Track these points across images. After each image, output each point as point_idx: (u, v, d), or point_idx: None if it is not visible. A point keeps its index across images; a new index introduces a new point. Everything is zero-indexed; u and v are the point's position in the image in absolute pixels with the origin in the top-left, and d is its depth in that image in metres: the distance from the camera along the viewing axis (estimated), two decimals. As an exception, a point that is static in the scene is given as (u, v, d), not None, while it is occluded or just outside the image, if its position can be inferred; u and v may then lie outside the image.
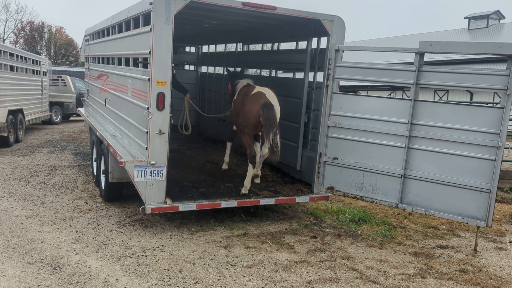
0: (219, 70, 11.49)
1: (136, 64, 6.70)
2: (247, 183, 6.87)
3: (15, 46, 49.46)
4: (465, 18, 32.74)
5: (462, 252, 6.25)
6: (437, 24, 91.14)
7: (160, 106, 5.90)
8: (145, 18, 6.17)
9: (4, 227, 6.20)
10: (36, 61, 17.04)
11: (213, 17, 7.84)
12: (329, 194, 7.00)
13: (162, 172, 6.04)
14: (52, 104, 19.44)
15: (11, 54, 14.35)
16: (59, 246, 5.58)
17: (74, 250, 5.48)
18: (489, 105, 12.74)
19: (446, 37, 30.46)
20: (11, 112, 13.14)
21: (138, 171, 5.92)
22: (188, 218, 6.85)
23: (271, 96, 6.87)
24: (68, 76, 21.27)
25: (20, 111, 14.27)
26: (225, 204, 6.41)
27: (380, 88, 23.31)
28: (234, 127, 7.81)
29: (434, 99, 22.52)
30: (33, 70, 16.54)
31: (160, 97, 5.88)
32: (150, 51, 5.75)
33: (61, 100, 20.25)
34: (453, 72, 6.09)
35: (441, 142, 6.09)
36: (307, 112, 7.63)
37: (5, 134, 12.69)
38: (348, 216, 7.39)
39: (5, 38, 50.41)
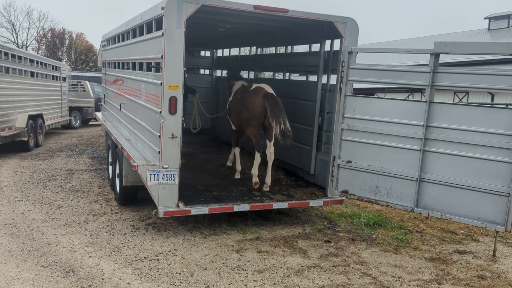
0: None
1: (149, 68, 6.75)
2: (254, 171, 7.14)
3: (37, 53, 50.70)
4: (485, 18, 32.13)
5: (480, 258, 6.08)
6: (457, 25, 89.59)
7: (172, 110, 5.93)
8: (158, 23, 6.21)
9: (21, 230, 6.30)
10: (56, 67, 17.37)
11: (226, 21, 7.86)
12: (343, 198, 6.92)
13: (174, 175, 6.06)
14: (71, 109, 19.78)
15: (32, 61, 14.67)
16: (73, 249, 5.64)
17: (88, 254, 5.53)
18: (509, 106, 12.46)
19: (466, 38, 29.92)
20: (31, 117, 13.40)
21: (151, 174, 5.94)
22: (201, 221, 6.85)
23: (269, 90, 7.19)
24: (87, 81, 21.61)
25: (40, 116, 14.55)
26: (237, 208, 6.39)
27: (398, 90, 23.00)
28: (233, 127, 7.95)
29: (453, 101, 22.15)
30: (53, 76, 16.86)
31: (172, 101, 5.91)
32: (162, 56, 5.78)
33: (80, 105, 20.59)
34: (470, 73, 5.95)
35: (457, 144, 5.95)
36: (321, 115, 7.57)
37: (25, 139, 12.95)
38: (363, 220, 7.28)
39: (28, 45, 51.62)
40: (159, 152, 5.99)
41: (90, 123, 22.19)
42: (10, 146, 12.77)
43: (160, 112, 5.90)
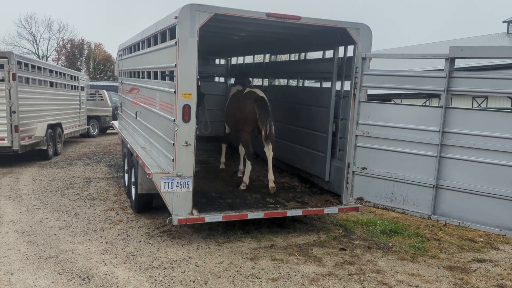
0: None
1: (163, 77, 6.82)
2: (246, 179, 7.52)
3: (57, 63, 51.79)
4: (503, 22, 31.61)
5: (500, 266, 5.93)
6: (475, 29, 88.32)
7: (186, 118, 5.97)
8: (171, 32, 6.28)
9: (39, 237, 6.40)
10: (74, 76, 17.70)
11: (240, 29, 7.90)
12: (359, 205, 6.84)
13: (188, 183, 6.08)
14: (89, 118, 20.11)
15: (51, 71, 14.99)
16: (89, 257, 5.69)
17: (103, 261, 5.58)
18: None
19: (484, 42, 29.46)
20: (50, 126, 13.66)
21: (165, 182, 5.98)
22: (216, 229, 6.86)
23: (261, 94, 7.50)
24: (104, 91, 21.95)
25: (59, 125, 14.82)
26: (251, 215, 6.37)
27: (415, 96, 22.74)
28: (227, 129, 8.61)
29: (472, 106, 21.78)
30: (72, 86, 17.18)
31: (186, 109, 5.95)
32: (175, 64, 5.83)
33: (98, 113, 20.92)
34: (488, 77, 5.84)
35: (475, 150, 5.83)
36: (335, 121, 7.52)
37: (45, 148, 13.21)
38: (379, 228, 7.19)
39: (48, 55, 52.77)
40: (173, 160, 6.03)
41: (108, 131, 22.50)
42: (30, 154, 13.03)
43: (174, 120, 5.94)
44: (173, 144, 6.00)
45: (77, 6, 73.11)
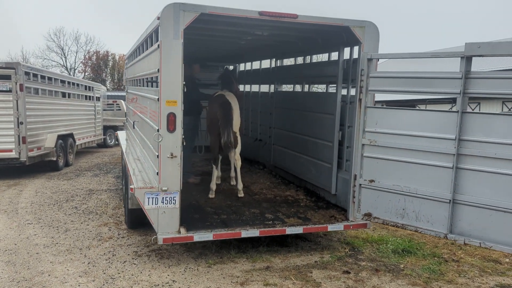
0: (255, 88, 11.00)
1: (152, 84, 6.37)
2: (212, 185, 7.34)
3: (84, 75, 52.82)
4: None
5: (529, 294, 5.15)
6: (507, 31, 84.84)
7: (171, 128, 5.47)
8: (156, 35, 5.82)
9: (19, 257, 6.00)
10: (89, 87, 17.61)
11: (237, 32, 7.36)
12: (367, 221, 6.18)
13: (175, 198, 5.57)
14: (106, 128, 20.03)
15: (63, 81, 14.88)
16: (65, 280, 5.23)
17: (79, 285, 5.10)
18: None
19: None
20: (60, 137, 13.48)
21: (148, 198, 5.49)
22: (209, 247, 6.31)
23: (229, 96, 7.27)
24: (122, 101, 21.87)
25: (71, 135, 14.65)
26: (245, 233, 5.80)
27: (441, 101, 21.64)
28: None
29: (502, 110, 20.57)
30: (86, 96, 17.08)
31: (171, 117, 5.45)
32: (158, 69, 5.36)
33: (115, 123, 20.81)
34: (509, 77, 5.12)
35: (497, 160, 5.07)
36: (341, 129, 6.88)
37: (54, 158, 13.00)
38: (391, 246, 6.48)
39: (75, 67, 53.86)
40: (157, 173, 5.53)
41: (125, 141, 22.36)
42: (40, 165, 12.86)
43: (158, 130, 5.46)
44: (157, 156, 5.51)
45: (104, 19, 74.68)
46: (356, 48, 6.61)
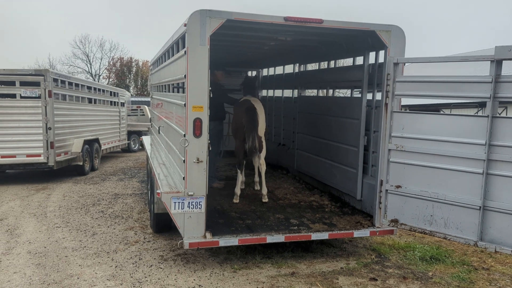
0: (278, 93, 11.01)
1: (178, 90, 6.45)
2: (236, 189, 7.36)
3: (108, 81, 53.82)
4: None
5: None
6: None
7: (197, 133, 5.52)
8: (183, 41, 5.90)
9: (49, 259, 6.13)
10: (114, 93, 17.93)
11: (262, 37, 7.39)
12: (394, 228, 6.09)
13: (201, 203, 5.61)
14: (130, 133, 20.33)
15: (89, 87, 15.20)
16: (94, 283, 5.32)
17: (107, 288, 5.19)
18: None
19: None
20: (87, 142, 13.76)
21: (175, 202, 5.54)
22: (234, 252, 6.32)
23: (255, 102, 7.30)
24: (146, 106, 22.17)
25: (96, 140, 14.93)
26: (271, 239, 5.79)
27: (466, 105, 21.19)
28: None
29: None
30: (111, 102, 17.39)
31: (197, 123, 5.50)
32: (185, 75, 5.43)
33: (139, 129, 21.10)
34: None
35: (530, 166, 4.96)
36: (367, 134, 6.82)
37: (81, 163, 13.29)
38: (418, 254, 6.37)
39: (100, 74, 54.95)
40: (184, 178, 5.59)
41: (149, 146, 22.63)
42: (67, 170, 13.14)
43: (184, 135, 5.52)
44: (184, 160, 5.57)
45: (128, 26, 76.01)
46: (381, 53, 6.56)
